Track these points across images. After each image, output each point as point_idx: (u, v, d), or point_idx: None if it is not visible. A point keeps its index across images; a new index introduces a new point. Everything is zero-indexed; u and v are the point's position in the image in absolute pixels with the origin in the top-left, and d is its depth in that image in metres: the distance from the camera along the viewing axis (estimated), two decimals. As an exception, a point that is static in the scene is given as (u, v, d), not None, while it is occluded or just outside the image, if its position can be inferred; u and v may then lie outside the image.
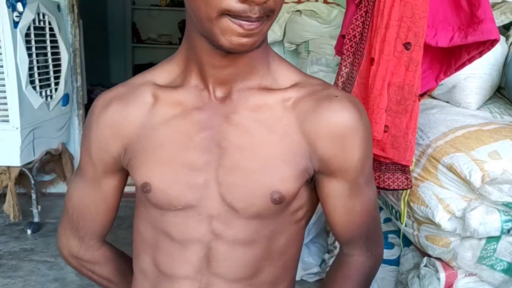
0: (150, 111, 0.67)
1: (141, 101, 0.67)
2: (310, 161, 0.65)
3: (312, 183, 0.70)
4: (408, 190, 1.44)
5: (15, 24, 2.45)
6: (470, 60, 1.34)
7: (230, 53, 0.60)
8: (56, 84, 2.93)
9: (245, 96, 0.65)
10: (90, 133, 0.70)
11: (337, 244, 2.01)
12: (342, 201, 0.68)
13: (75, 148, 3.27)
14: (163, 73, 0.69)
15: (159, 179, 0.65)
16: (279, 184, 0.63)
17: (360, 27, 1.41)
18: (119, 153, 0.69)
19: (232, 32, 0.56)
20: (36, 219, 2.71)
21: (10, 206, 2.60)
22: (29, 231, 2.66)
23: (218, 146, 0.64)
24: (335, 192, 0.68)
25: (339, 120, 0.64)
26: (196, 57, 0.64)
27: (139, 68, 5.69)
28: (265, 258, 0.68)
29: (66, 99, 3.06)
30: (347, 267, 0.74)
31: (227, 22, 0.56)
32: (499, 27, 1.44)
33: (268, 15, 0.58)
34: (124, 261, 0.82)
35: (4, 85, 2.46)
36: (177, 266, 0.68)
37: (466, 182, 1.29)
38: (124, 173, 0.73)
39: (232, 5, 0.54)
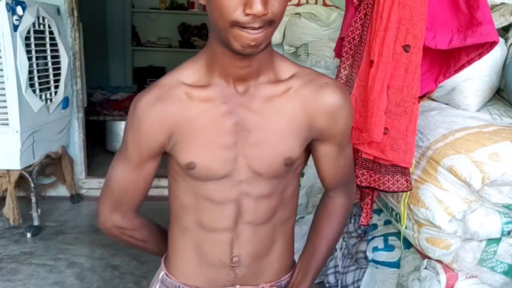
0: (186, 106, 0.86)
1: (178, 99, 0.87)
2: (310, 132, 0.90)
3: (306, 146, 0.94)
4: (408, 192, 1.44)
5: (15, 27, 2.46)
6: (470, 62, 1.34)
7: (243, 55, 0.79)
8: (56, 87, 2.93)
9: (259, 89, 0.87)
10: (139, 127, 0.88)
11: (337, 246, 2.01)
12: (332, 159, 0.95)
13: (74, 151, 3.26)
14: (189, 73, 0.88)
15: (202, 158, 0.87)
16: (289, 151, 0.88)
17: (359, 29, 1.41)
18: (165, 141, 0.89)
19: (241, 38, 0.76)
20: (35, 223, 2.70)
21: (9, 209, 2.60)
22: (28, 235, 2.65)
23: (243, 129, 0.87)
24: (327, 152, 0.94)
25: (332, 101, 0.88)
26: (219, 61, 0.84)
27: (139, 71, 5.69)
28: (279, 205, 0.94)
29: (66, 102, 3.06)
30: (332, 206, 1.02)
31: (237, 31, 0.75)
32: (498, 29, 1.44)
33: (270, 23, 0.76)
34: (155, 226, 1.06)
35: (4, 89, 2.47)
36: (218, 221, 0.92)
37: (466, 184, 1.29)
38: (161, 157, 0.93)
39: (239, 18, 0.74)
